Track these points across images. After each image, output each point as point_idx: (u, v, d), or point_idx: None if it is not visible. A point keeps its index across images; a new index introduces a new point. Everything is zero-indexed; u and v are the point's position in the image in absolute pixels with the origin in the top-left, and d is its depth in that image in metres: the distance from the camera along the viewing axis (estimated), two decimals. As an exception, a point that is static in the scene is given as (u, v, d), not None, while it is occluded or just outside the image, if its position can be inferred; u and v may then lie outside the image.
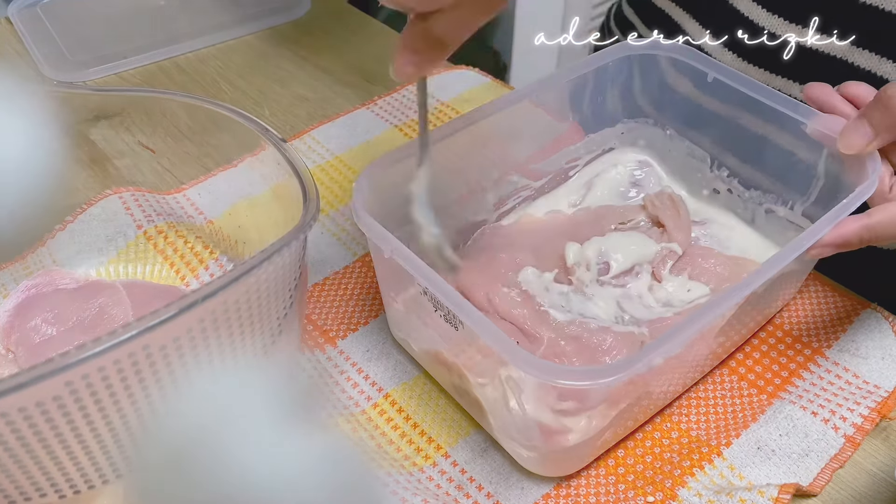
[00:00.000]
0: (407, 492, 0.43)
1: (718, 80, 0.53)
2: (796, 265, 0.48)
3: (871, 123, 0.44)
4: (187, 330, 0.33)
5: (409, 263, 0.41)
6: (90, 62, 0.79)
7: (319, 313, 0.55)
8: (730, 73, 0.52)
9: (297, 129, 0.72)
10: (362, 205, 0.44)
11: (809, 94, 0.49)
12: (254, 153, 0.47)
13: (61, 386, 0.30)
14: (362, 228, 0.44)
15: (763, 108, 0.51)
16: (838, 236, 0.43)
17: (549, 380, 0.37)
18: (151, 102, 0.54)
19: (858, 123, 0.45)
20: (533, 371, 0.37)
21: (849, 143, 0.45)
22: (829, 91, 0.49)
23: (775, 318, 0.53)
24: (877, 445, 0.46)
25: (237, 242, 0.56)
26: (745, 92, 0.51)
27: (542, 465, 0.45)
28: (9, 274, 0.55)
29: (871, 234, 0.43)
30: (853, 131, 0.45)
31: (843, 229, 0.43)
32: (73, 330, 0.49)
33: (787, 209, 0.53)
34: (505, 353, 0.38)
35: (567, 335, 0.47)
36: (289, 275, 0.39)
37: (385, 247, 0.43)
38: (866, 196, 0.44)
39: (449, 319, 0.42)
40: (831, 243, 0.43)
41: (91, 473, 0.34)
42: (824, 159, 0.49)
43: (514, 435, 0.44)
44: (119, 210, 0.59)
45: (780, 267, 0.42)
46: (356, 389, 0.50)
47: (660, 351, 0.38)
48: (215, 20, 0.86)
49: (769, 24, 0.58)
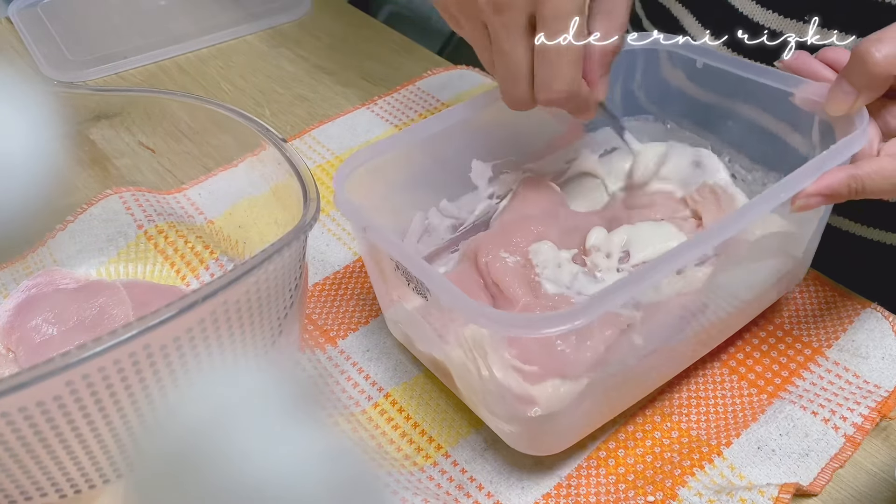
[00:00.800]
0: (407, 491, 0.43)
1: (708, 65, 0.52)
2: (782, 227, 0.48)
3: (852, 82, 0.44)
4: (187, 330, 0.33)
5: (381, 240, 0.43)
6: (90, 62, 0.79)
7: (320, 313, 0.55)
8: (717, 56, 0.52)
9: (297, 129, 0.72)
10: (343, 190, 0.46)
11: (788, 65, 0.49)
12: (254, 153, 0.47)
13: (62, 386, 0.30)
14: (341, 210, 0.46)
15: (752, 85, 0.50)
16: (825, 186, 0.42)
17: (497, 329, 0.38)
18: (151, 102, 0.54)
19: (840, 83, 0.44)
20: (481, 320, 0.38)
21: (834, 105, 0.45)
22: (807, 58, 0.48)
23: (775, 318, 0.53)
24: (877, 445, 0.46)
25: (237, 242, 0.56)
26: (733, 71, 0.51)
27: (523, 441, 0.45)
28: (9, 274, 0.55)
29: (859, 184, 0.42)
30: (836, 92, 0.44)
31: (829, 178, 0.42)
32: (73, 330, 0.49)
33: None
34: (458, 306, 0.38)
35: (545, 304, 0.47)
36: (289, 275, 0.39)
37: (361, 223, 0.44)
38: (855, 147, 0.44)
39: (419, 290, 0.42)
40: (818, 192, 0.43)
41: (92, 473, 0.34)
42: (816, 127, 0.49)
43: (491, 407, 0.44)
44: (119, 210, 0.59)
45: (759, 212, 0.41)
46: (357, 389, 0.50)
47: (617, 296, 0.37)
48: (216, 20, 0.86)
49: (768, 23, 0.58)
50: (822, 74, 0.47)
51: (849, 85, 0.44)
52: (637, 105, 0.59)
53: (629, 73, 0.58)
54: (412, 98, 0.74)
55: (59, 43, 0.81)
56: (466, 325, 0.42)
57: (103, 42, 0.82)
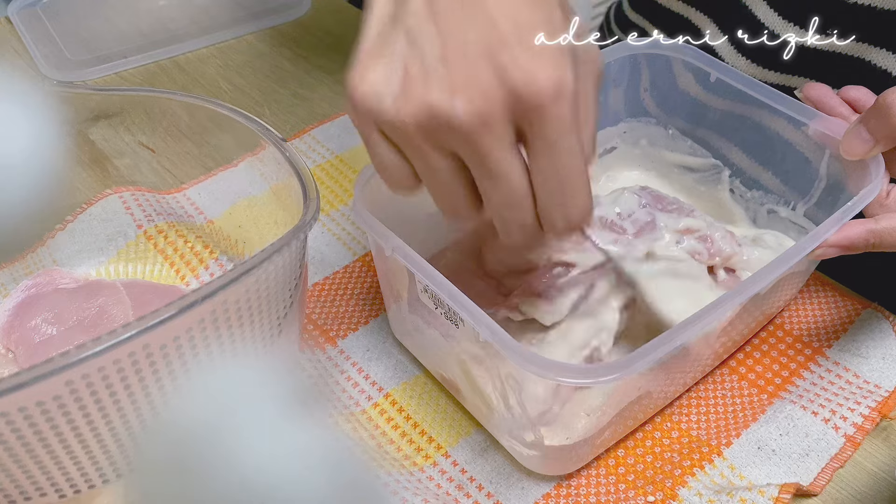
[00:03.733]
0: (407, 491, 0.43)
1: (721, 79, 0.53)
2: (800, 266, 0.48)
3: (871, 130, 0.44)
4: (187, 330, 0.33)
5: (410, 261, 0.41)
6: (90, 62, 0.79)
7: (320, 313, 0.55)
8: (732, 73, 0.52)
9: (297, 128, 0.72)
10: (363, 202, 0.44)
11: (808, 95, 0.49)
12: (254, 153, 0.47)
13: (61, 385, 0.30)
14: (362, 226, 0.44)
15: (765, 108, 0.51)
16: (844, 238, 0.43)
17: (545, 375, 0.37)
18: (151, 102, 0.54)
19: (858, 129, 0.45)
20: (530, 367, 0.37)
21: (850, 149, 0.45)
22: (827, 92, 0.49)
23: (776, 318, 0.53)
24: (877, 445, 0.46)
25: (237, 242, 0.56)
26: (748, 92, 0.51)
27: (542, 464, 0.45)
28: (9, 274, 0.55)
29: (877, 238, 0.43)
30: (854, 137, 0.45)
31: (848, 232, 0.43)
32: (73, 329, 0.49)
33: (790, 210, 0.53)
34: (503, 348, 0.38)
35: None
36: (289, 274, 0.39)
37: (386, 245, 0.43)
38: (871, 198, 0.44)
39: (449, 317, 0.42)
40: (837, 244, 0.43)
41: (91, 473, 0.34)
42: (826, 161, 0.49)
43: (514, 433, 0.44)
44: (119, 210, 0.59)
45: (786, 268, 0.42)
46: (356, 389, 0.50)
47: (659, 351, 0.38)
48: (215, 20, 0.86)
49: (770, 22, 0.58)
50: (838, 111, 0.48)
51: (868, 133, 0.44)
52: (639, 107, 0.59)
53: (634, 76, 0.57)
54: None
55: (59, 43, 0.81)
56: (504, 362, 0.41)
57: (103, 42, 0.82)
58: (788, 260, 0.42)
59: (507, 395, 0.42)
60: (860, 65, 0.55)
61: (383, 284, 0.50)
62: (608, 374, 0.37)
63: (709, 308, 0.40)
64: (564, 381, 0.38)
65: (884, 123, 0.43)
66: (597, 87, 0.35)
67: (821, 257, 0.44)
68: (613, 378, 0.37)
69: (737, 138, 0.55)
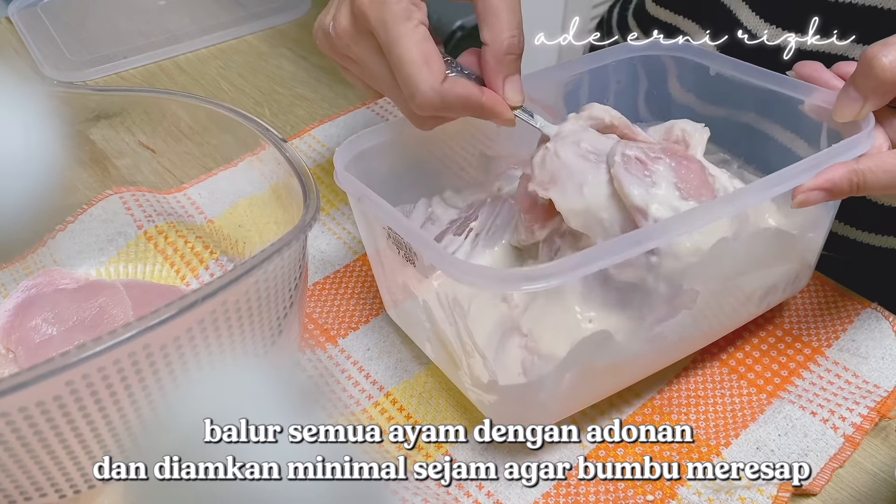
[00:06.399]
0: (407, 491, 0.43)
1: (718, 71, 0.52)
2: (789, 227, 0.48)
3: (858, 87, 0.44)
4: (187, 330, 0.33)
5: (374, 208, 0.43)
6: (90, 62, 0.79)
7: (320, 312, 0.55)
8: (728, 62, 0.52)
9: (297, 129, 0.72)
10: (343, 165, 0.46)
11: (800, 72, 0.49)
12: (254, 153, 0.47)
13: (62, 386, 0.30)
14: (340, 185, 0.46)
15: (762, 92, 0.50)
16: (826, 180, 0.42)
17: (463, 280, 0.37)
18: (151, 102, 0.54)
19: (847, 89, 0.44)
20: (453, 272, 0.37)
21: (841, 111, 0.45)
22: (819, 67, 0.48)
23: (775, 318, 0.53)
24: (876, 445, 0.46)
25: (237, 242, 0.56)
26: (744, 78, 0.51)
27: (503, 412, 0.44)
28: (9, 274, 0.55)
29: (860, 178, 0.42)
30: (843, 98, 0.44)
31: (830, 172, 0.42)
32: (73, 330, 0.49)
33: None
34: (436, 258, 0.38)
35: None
36: (289, 274, 0.39)
37: (356, 194, 0.44)
38: (858, 148, 0.43)
39: (409, 257, 0.43)
40: (818, 187, 0.42)
41: (91, 473, 0.34)
42: (825, 136, 0.49)
43: (474, 378, 0.44)
44: (119, 210, 0.59)
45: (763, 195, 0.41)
46: (357, 388, 0.50)
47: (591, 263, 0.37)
48: (215, 20, 0.86)
49: (766, 32, 0.58)
50: (832, 84, 0.47)
51: (855, 91, 0.44)
52: (638, 108, 0.59)
53: (631, 81, 0.57)
54: (412, 98, 0.74)
55: (58, 43, 0.81)
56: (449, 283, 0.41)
57: (103, 42, 0.82)
58: (767, 188, 0.41)
59: (458, 329, 0.42)
60: None
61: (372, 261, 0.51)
62: (540, 280, 0.36)
63: (672, 220, 0.39)
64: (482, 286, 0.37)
65: (869, 77, 0.43)
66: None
67: (804, 204, 0.43)
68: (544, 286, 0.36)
69: (737, 131, 0.55)
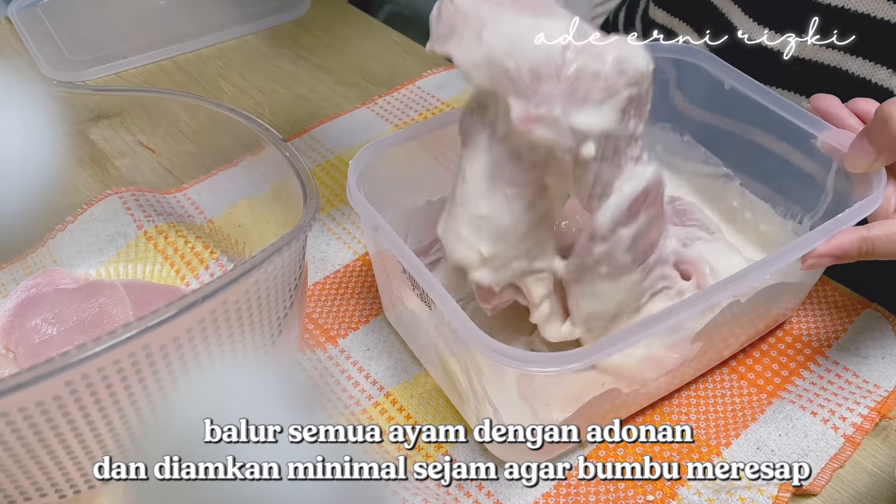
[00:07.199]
0: (407, 492, 0.43)
1: (733, 86, 0.52)
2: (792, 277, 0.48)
3: (872, 141, 0.44)
4: (187, 330, 0.33)
5: (392, 243, 0.43)
6: (90, 62, 0.79)
7: (320, 312, 0.55)
8: (747, 81, 0.52)
9: (297, 129, 0.72)
10: (356, 183, 0.46)
11: (816, 105, 0.49)
12: (254, 153, 0.47)
13: (61, 386, 0.30)
14: (354, 206, 0.45)
15: (775, 118, 0.50)
16: (836, 247, 0.43)
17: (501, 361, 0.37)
18: (151, 102, 0.54)
19: (861, 141, 0.44)
20: (488, 353, 0.37)
21: (853, 162, 0.45)
22: (836, 103, 0.48)
23: (775, 318, 0.53)
24: (877, 445, 0.46)
25: (237, 242, 0.56)
26: (759, 101, 0.51)
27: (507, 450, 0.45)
28: (9, 274, 0.55)
29: (870, 246, 0.43)
30: (856, 150, 0.44)
31: (841, 239, 0.43)
32: (73, 330, 0.49)
33: (796, 223, 0.53)
34: (464, 333, 0.38)
35: None
36: (289, 274, 0.39)
37: (371, 222, 0.44)
38: (868, 211, 0.44)
39: (424, 299, 0.42)
40: (828, 253, 0.43)
41: (91, 473, 0.34)
42: (833, 174, 0.49)
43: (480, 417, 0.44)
44: (119, 210, 0.59)
45: (766, 274, 0.41)
46: (357, 388, 0.50)
47: (617, 346, 0.38)
48: (215, 20, 0.86)
49: (765, 34, 0.58)
50: (847, 123, 0.47)
51: (869, 145, 0.44)
52: (655, 112, 0.59)
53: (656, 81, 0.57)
54: (412, 97, 0.74)
55: (58, 43, 0.81)
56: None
57: (103, 42, 0.82)
58: (769, 266, 0.42)
59: (472, 381, 0.42)
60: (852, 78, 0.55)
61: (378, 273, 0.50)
62: (560, 364, 0.37)
63: (675, 308, 0.39)
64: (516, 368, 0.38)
65: (884, 134, 0.42)
66: None
67: (813, 267, 0.43)
68: (561, 369, 0.37)
69: (745, 148, 0.54)
